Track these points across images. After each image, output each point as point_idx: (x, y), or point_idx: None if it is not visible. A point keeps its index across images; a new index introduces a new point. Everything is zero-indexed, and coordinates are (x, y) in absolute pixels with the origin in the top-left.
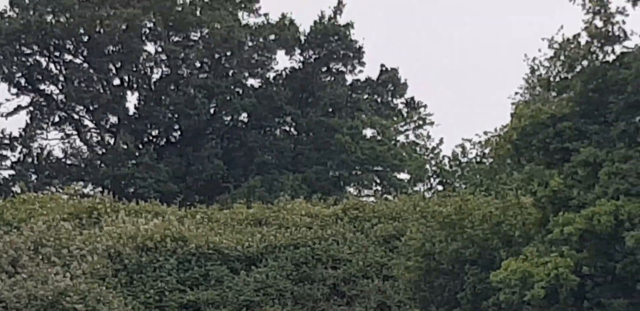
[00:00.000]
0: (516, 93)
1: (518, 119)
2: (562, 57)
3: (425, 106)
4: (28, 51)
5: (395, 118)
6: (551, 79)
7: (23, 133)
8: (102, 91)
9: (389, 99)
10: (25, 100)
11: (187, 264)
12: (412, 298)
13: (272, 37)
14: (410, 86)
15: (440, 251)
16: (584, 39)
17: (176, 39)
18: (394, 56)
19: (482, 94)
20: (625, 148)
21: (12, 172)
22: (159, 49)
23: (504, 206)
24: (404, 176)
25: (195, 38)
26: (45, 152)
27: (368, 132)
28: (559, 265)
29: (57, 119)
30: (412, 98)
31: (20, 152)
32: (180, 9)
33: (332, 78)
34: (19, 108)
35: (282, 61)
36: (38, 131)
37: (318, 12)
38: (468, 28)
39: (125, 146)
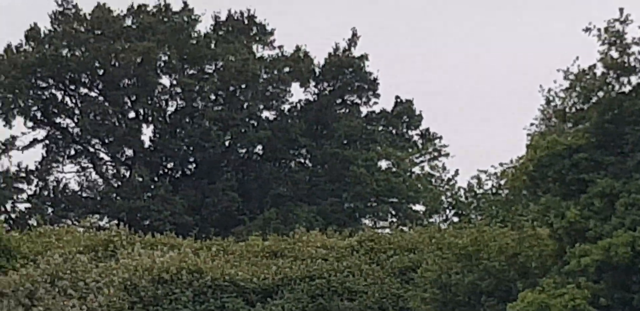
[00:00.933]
0: (532, 124)
1: (534, 151)
2: (577, 88)
3: (440, 138)
4: (44, 85)
5: (410, 150)
6: (567, 110)
7: (39, 166)
8: (117, 124)
9: (404, 130)
10: (41, 133)
11: (203, 296)
12: None
13: (287, 69)
14: (425, 118)
15: (456, 282)
16: (599, 70)
17: (191, 71)
18: (409, 87)
19: (498, 126)
20: None
21: (28, 205)
22: (174, 82)
23: (520, 238)
24: (419, 207)
25: (210, 71)
26: (61, 185)
27: (383, 164)
28: (576, 296)
29: (72, 152)
30: (427, 129)
31: (36, 186)
32: (194, 42)
33: (347, 110)
34: (35, 142)
35: (297, 93)
36: (54, 164)
37: (332, 44)
38: (483, 59)
39: (140, 179)
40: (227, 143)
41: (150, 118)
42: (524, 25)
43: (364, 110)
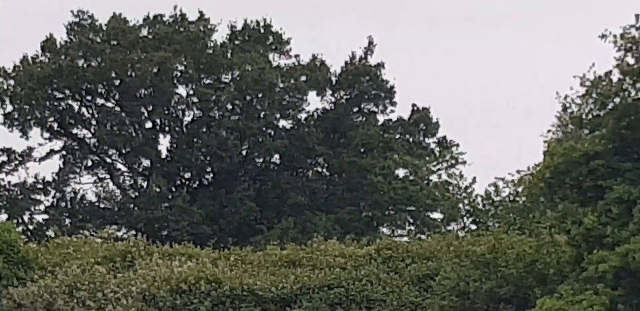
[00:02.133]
0: (548, 131)
1: (551, 157)
2: (594, 95)
3: (457, 145)
4: (60, 96)
5: (427, 158)
6: (583, 116)
7: (56, 177)
8: (134, 134)
9: (421, 138)
10: (58, 144)
11: (222, 306)
12: None
13: (304, 78)
14: (442, 125)
15: (474, 290)
16: (615, 76)
17: (207, 81)
18: (425, 95)
19: (515, 133)
20: None
21: (46, 216)
22: (191, 92)
23: (538, 245)
24: (437, 215)
25: (227, 80)
26: (78, 196)
27: (400, 172)
28: (594, 302)
29: (90, 163)
30: (444, 137)
31: (53, 197)
32: (211, 51)
33: (364, 118)
34: (52, 153)
35: (314, 102)
36: (71, 175)
37: (349, 53)
38: (499, 66)
39: (158, 189)
40: (244, 153)
41: (167, 128)
42: (540, 32)
43: (381, 118)
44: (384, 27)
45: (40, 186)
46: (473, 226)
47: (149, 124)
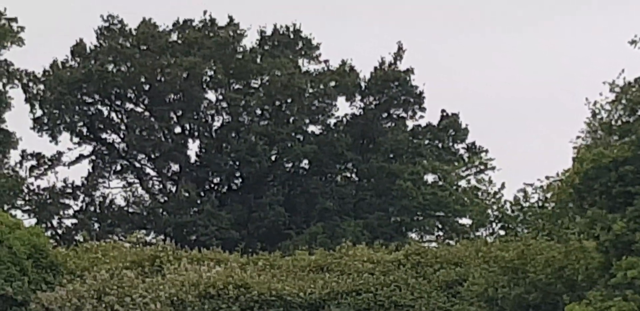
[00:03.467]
0: (578, 137)
1: (580, 164)
2: (623, 101)
3: (486, 151)
4: (89, 100)
5: (456, 163)
6: (613, 122)
7: (85, 182)
8: (163, 139)
9: (450, 144)
10: (87, 149)
11: None
12: None
13: (333, 83)
14: (471, 131)
15: (503, 296)
16: None
17: (237, 86)
18: (455, 101)
19: (544, 139)
20: None
21: (74, 221)
22: (220, 97)
23: (566, 251)
24: (465, 221)
25: (256, 85)
26: (107, 200)
27: (429, 177)
28: (623, 308)
29: (119, 167)
30: (473, 143)
31: (82, 201)
32: (240, 56)
33: (393, 124)
34: (81, 157)
35: (343, 107)
36: (100, 180)
37: (378, 58)
38: (528, 72)
39: (187, 194)
40: (273, 158)
41: (196, 133)
42: (569, 38)
43: (410, 124)
44: (413, 31)
45: (69, 190)
46: (502, 232)
47: (178, 129)
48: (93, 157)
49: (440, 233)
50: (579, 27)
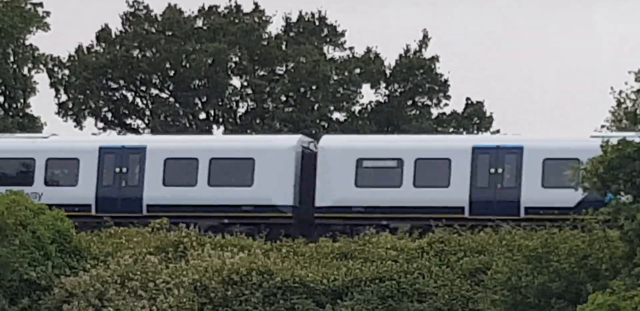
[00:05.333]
0: (602, 126)
1: (604, 153)
2: None
3: None
4: (114, 86)
5: None
6: (637, 111)
7: None
8: (188, 125)
9: (475, 132)
10: (112, 134)
11: (273, 298)
12: None
13: (358, 71)
14: (496, 119)
15: (526, 284)
16: None
17: (262, 73)
18: (479, 89)
19: (568, 127)
20: None
21: None
22: (245, 83)
23: (590, 240)
24: None
25: (281, 72)
26: None
27: None
28: None
29: None
30: (498, 131)
31: None
32: (266, 43)
33: (418, 112)
34: None
35: (368, 95)
36: None
37: (403, 45)
38: (553, 60)
39: None
40: None
41: (220, 119)
42: (595, 27)
43: (435, 112)
44: (439, 18)
45: None
46: None
47: (202, 115)
48: None
49: None
50: (614, 14)
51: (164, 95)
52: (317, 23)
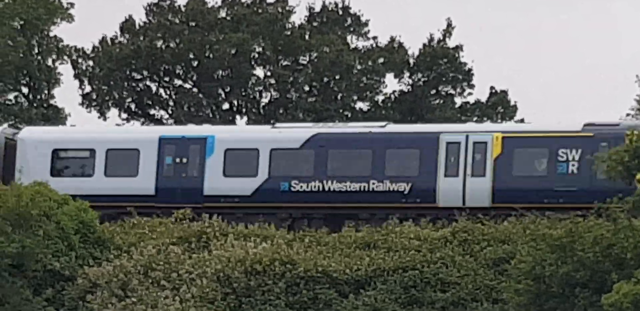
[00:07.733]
0: (627, 114)
1: (629, 141)
2: None
3: None
4: (138, 77)
5: None
6: None
7: None
8: (211, 115)
9: (499, 121)
10: (135, 125)
11: (296, 287)
12: None
13: (381, 60)
14: (520, 108)
15: (550, 274)
16: None
17: (285, 63)
18: (504, 77)
19: (593, 116)
20: None
21: None
22: (268, 73)
23: (615, 229)
24: None
25: (304, 62)
26: None
27: None
28: None
29: None
30: (522, 120)
31: None
32: (289, 33)
33: (441, 101)
34: None
35: (391, 84)
36: None
37: (427, 35)
38: (578, 48)
39: None
40: None
41: (244, 109)
42: (616, 16)
43: (459, 101)
44: (463, 7)
45: None
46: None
47: (226, 105)
48: None
49: None
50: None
51: (187, 86)
52: (340, 13)
